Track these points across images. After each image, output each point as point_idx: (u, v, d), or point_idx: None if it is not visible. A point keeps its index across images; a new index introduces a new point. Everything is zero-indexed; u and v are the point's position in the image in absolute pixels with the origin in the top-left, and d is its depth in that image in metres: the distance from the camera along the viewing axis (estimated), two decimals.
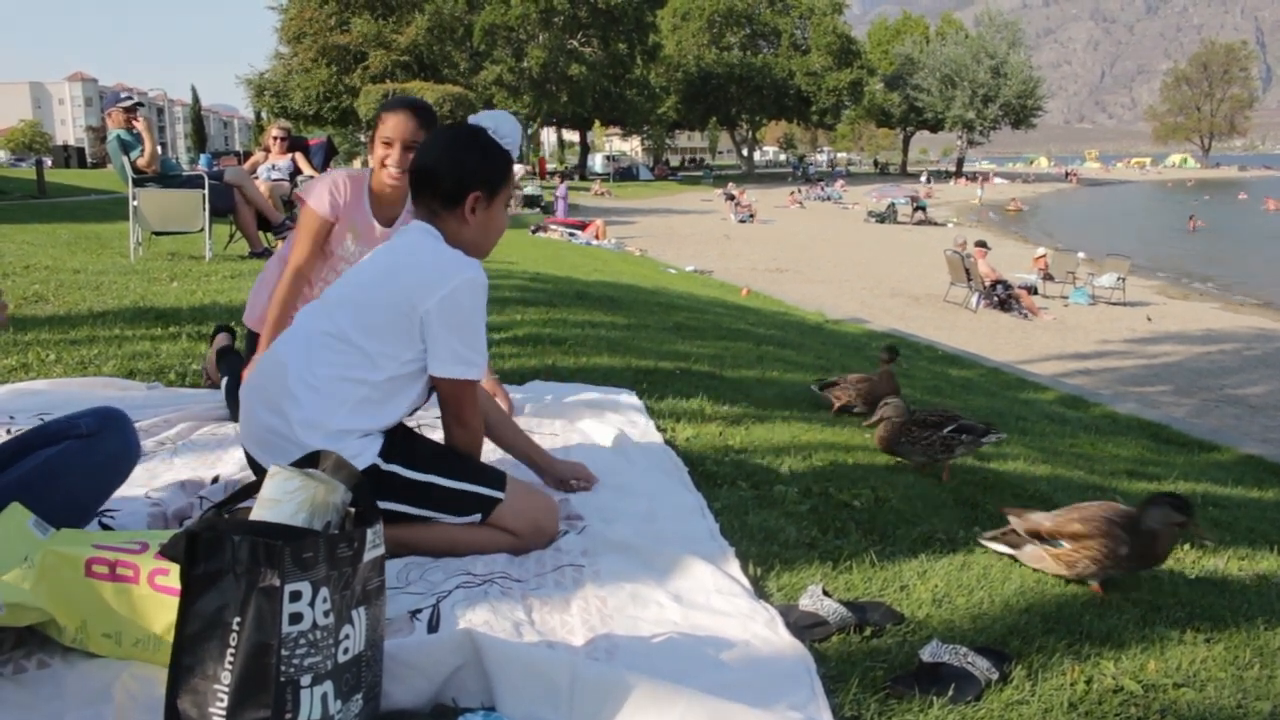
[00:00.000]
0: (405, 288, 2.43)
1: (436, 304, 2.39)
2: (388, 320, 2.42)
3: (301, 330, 2.53)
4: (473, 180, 2.53)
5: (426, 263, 2.46)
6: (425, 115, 3.54)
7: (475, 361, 2.47)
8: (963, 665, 2.03)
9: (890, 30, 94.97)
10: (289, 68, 48.25)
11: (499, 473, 2.61)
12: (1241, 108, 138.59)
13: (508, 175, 2.61)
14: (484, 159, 2.56)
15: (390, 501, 2.45)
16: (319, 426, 2.38)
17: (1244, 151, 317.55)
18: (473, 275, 2.44)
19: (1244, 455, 6.90)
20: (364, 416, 2.42)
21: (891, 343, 4.67)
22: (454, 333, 2.42)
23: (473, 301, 2.44)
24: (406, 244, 2.53)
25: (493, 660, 1.79)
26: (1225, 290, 22.52)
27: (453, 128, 2.63)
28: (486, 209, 2.56)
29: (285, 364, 2.45)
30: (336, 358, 2.42)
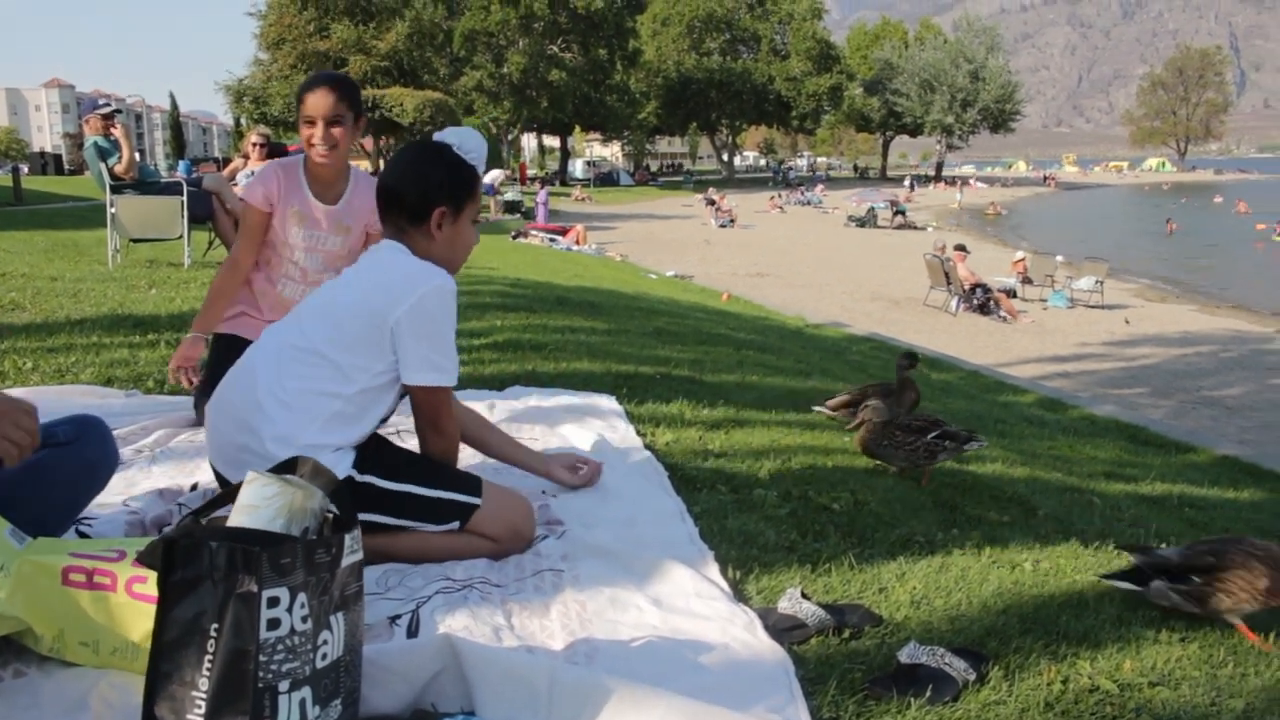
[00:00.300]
0: (374, 299, 2.45)
1: (405, 312, 2.40)
2: (358, 332, 2.44)
3: (272, 344, 2.52)
4: (437, 195, 2.55)
5: (394, 274, 2.48)
6: (344, 89, 3.51)
7: (447, 368, 2.49)
8: (940, 666, 2.05)
9: (869, 35, 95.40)
10: (268, 74, 48.04)
11: (475, 478, 2.61)
12: (1217, 112, 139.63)
13: (473, 190, 2.63)
14: (448, 174, 2.58)
15: (368, 513, 2.42)
16: (290, 442, 2.35)
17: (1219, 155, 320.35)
18: (440, 282, 2.45)
19: (1220, 456, 6.96)
20: (336, 431, 2.43)
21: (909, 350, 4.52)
22: (424, 340, 2.43)
23: (441, 308, 2.46)
24: (375, 260, 2.55)
25: (472, 665, 1.79)
26: (1202, 293, 22.68)
27: (416, 144, 2.67)
28: (453, 224, 2.58)
29: (255, 379, 2.45)
30: (308, 371, 2.43)
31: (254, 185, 3.63)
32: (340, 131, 3.49)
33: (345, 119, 3.49)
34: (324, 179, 3.64)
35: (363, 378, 2.44)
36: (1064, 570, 2.96)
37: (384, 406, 2.52)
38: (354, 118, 3.53)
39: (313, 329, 2.48)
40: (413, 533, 2.51)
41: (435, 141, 2.62)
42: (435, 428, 2.57)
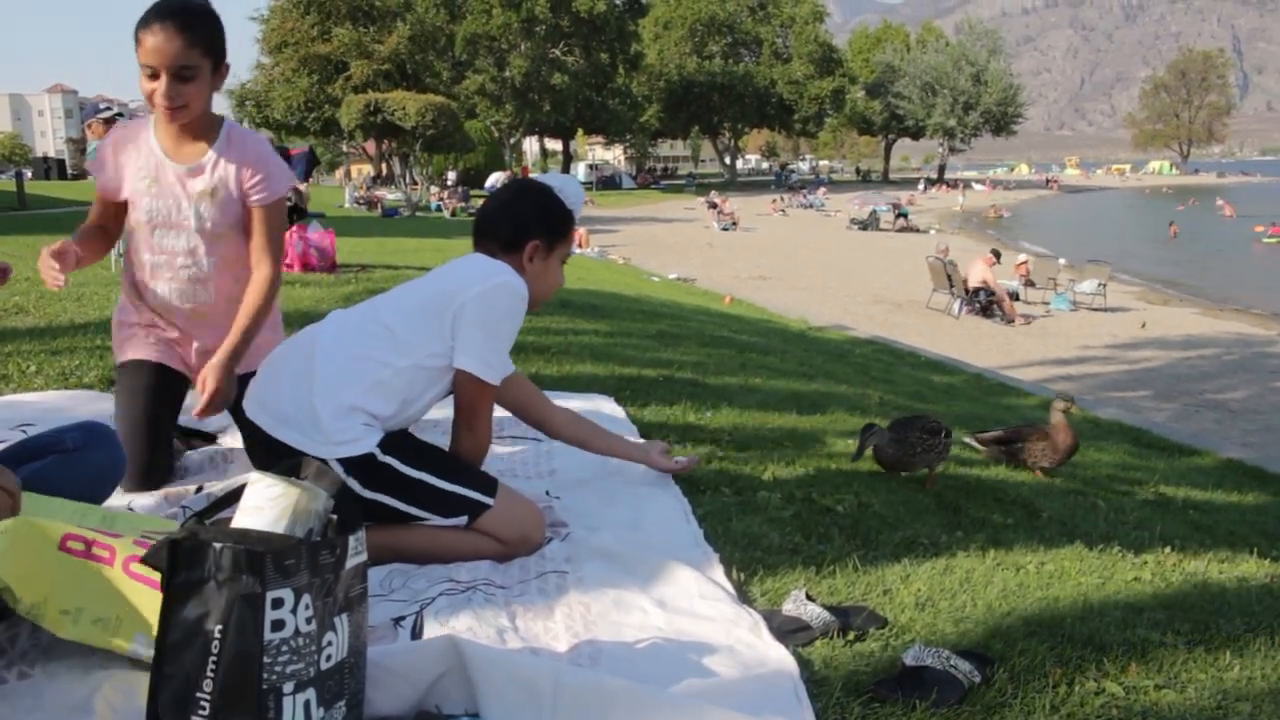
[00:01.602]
0: (448, 283, 2.60)
1: (475, 296, 2.51)
2: (423, 307, 2.56)
3: (341, 317, 2.66)
4: (532, 229, 2.69)
5: (474, 266, 2.63)
6: (197, 27, 2.72)
7: (496, 366, 2.56)
8: (945, 669, 2.04)
9: (871, 38, 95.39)
10: (271, 78, 48.21)
11: (492, 480, 2.61)
12: (1219, 115, 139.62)
13: (567, 232, 2.78)
14: (544, 211, 2.73)
15: (380, 493, 2.47)
16: (333, 397, 2.44)
17: (1222, 158, 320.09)
18: (514, 282, 2.57)
19: (1224, 459, 6.96)
20: (376, 399, 2.48)
21: (1067, 391, 4.32)
22: (481, 329, 2.52)
23: (509, 307, 2.57)
24: (461, 260, 2.72)
25: (476, 666, 1.78)
26: (1205, 296, 22.67)
27: (520, 181, 2.85)
28: (544, 260, 2.72)
29: (317, 339, 2.57)
30: (365, 339, 2.54)
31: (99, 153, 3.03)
32: (193, 90, 2.77)
33: (200, 71, 2.77)
34: (177, 137, 2.95)
35: (416, 354, 2.51)
36: (1068, 573, 2.95)
37: (428, 396, 2.59)
38: (213, 66, 2.80)
39: (384, 304, 2.63)
40: (420, 527, 2.52)
41: (538, 181, 2.80)
42: (469, 424, 2.62)
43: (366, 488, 2.46)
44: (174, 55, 2.67)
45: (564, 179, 2.80)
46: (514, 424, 3.84)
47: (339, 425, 2.43)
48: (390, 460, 2.48)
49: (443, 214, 32.68)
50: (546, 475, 3.31)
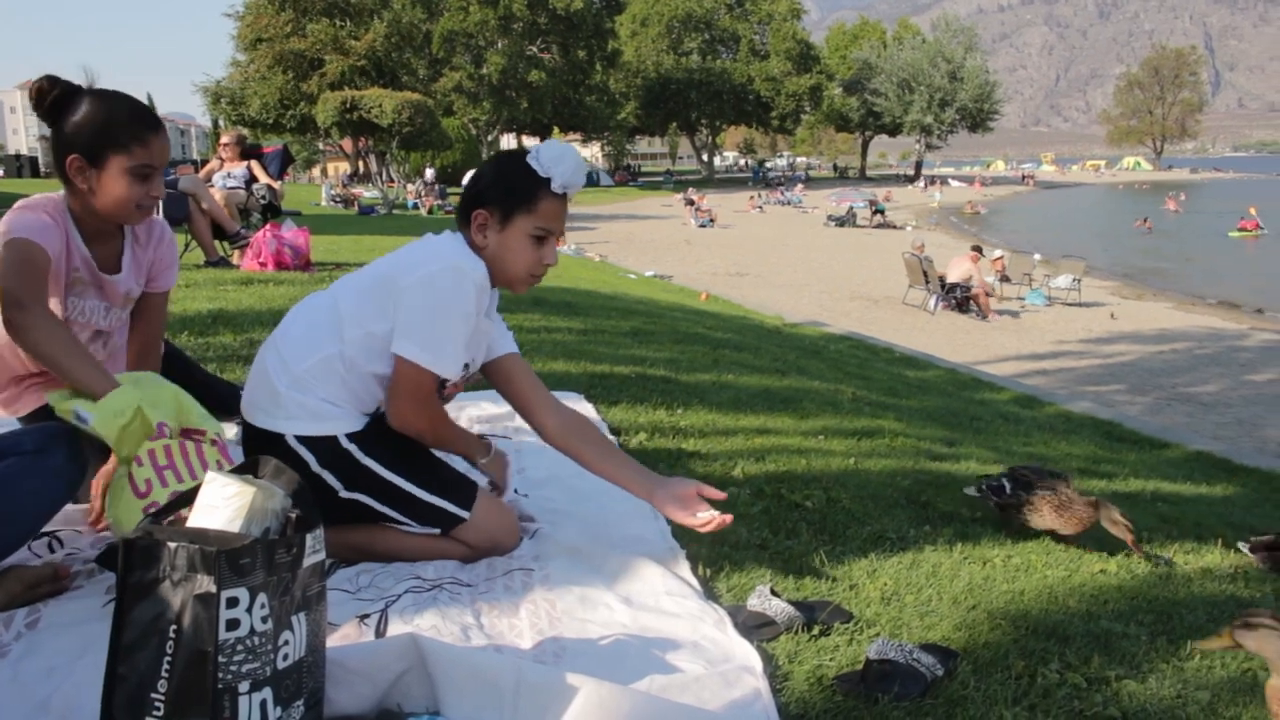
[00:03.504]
0: (395, 265, 2.45)
1: (414, 281, 2.36)
2: (373, 284, 2.44)
3: (308, 298, 2.62)
4: (482, 197, 2.46)
5: (424, 247, 2.47)
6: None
7: (438, 351, 2.37)
8: (909, 662, 2.05)
9: (848, 35, 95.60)
10: (246, 75, 47.87)
11: (471, 488, 2.55)
12: (1192, 111, 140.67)
13: (530, 201, 2.44)
14: (503, 179, 2.47)
15: (358, 492, 2.45)
16: (286, 370, 2.43)
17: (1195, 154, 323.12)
18: (461, 264, 2.38)
19: (1194, 451, 7.01)
20: (324, 377, 2.43)
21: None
22: (421, 312, 2.36)
23: (453, 291, 2.36)
24: (418, 241, 2.53)
25: (437, 664, 1.78)
26: (1178, 290, 22.83)
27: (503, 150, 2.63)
28: (499, 232, 2.45)
29: (285, 320, 2.57)
30: (318, 314, 2.49)
31: (46, 231, 2.54)
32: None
33: None
34: (102, 235, 2.70)
35: (356, 331, 2.39)
36: (1035, 566, 2.97)
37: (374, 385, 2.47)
38: None
39: (341, 284, 2.54)
40: (392, 530, 2.50)
41: (518, 149, 2.53)
42: (405, 409, 2.44)
43: (348, 489, 2.44)
44: (167, 154, 2.63)
45: (552, 144, 2.46)
46: (483, 423, 3.85)
47: (293, 398, 2.41)
48: (371, 464, 2.44)
49: (419, 212, 32.54)
50: (516, 472, 3.30)
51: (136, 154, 2.52)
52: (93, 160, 2.50)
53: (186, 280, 7.57)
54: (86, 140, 2.49)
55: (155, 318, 2.93)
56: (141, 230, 2.82)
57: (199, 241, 8.96)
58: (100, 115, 2.50)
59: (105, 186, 2.52)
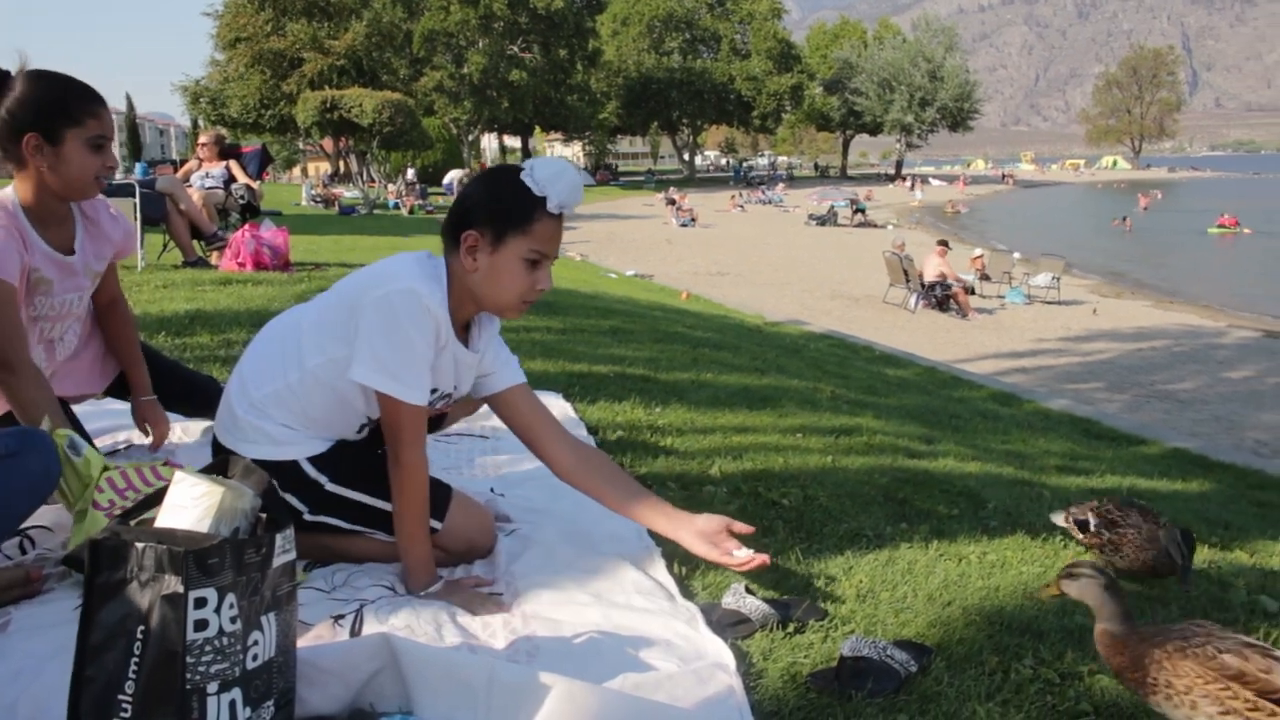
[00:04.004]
0: (357, 283, 2.32)
1: (371, 302, 2.22)
2: (335, 305, 2.33)
3: (288, 313, 2.53)
4: (472, 216, 2.27)
5: (388, 265, 2.31)
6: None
7: (402, 378, 2.23)
8: (882, 659, 2.05)
9: (829, 35, 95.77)
10: (225, 75, 47.67)
11: (444, 494, 2.49)
12: (1170, 111, 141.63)
13: (524, 222, 2.24)
14: (493, 196, 2.27)
15: (328, 516, 2.43)
16: (246, 394, 2.39)
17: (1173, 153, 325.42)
18: (414, 288, 2.21)
19: (1171, 448, 7.06)
20: (282, 404, 2.36)
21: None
22: (381, 336, 2.21)
23: (408, 314, 2.20)
24: (388, 259, 2.36)
25: (410, 664, 1.77)
26: (1156, 288, 22.98)
27: (496, 165, 2.45)
28: (490, 255, 2.26)
29: (255, 338, 2.51)
30: (281, 336, 2.43)
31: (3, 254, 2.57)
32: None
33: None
34: (56, 218, 2.75)
35: (316, 356, 2.30)
36: (1010, 562, 2.98)
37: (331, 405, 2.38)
38: None
39: (313, 303, 2.45)
40: (365, 537, 2.49)
41: (511, 165, 2.35)
42: (393, 454, 2.29)
43: (313, 513, 2.42)
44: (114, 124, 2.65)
45: (546, 160, 2.28)
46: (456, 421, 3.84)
47: (251, 423, 2.36)
48: (337, 489, 2.40)
49: (400, 212, 32.45)
50: (492, 471, 3.30)
51: (90, 126, 2.56)
52: (50, 137, 2.53)
53: (164, 280, 7.53)
54: (40, 119, 2.52)
55: (109, 272, 3.03)
56: (89, 209, 2.86)
57: (177, 242, 8.91)
58: (48, 93, 2.53)
59: (64, 161, 2.56)
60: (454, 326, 2.32)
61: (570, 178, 2.25)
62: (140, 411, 3.16)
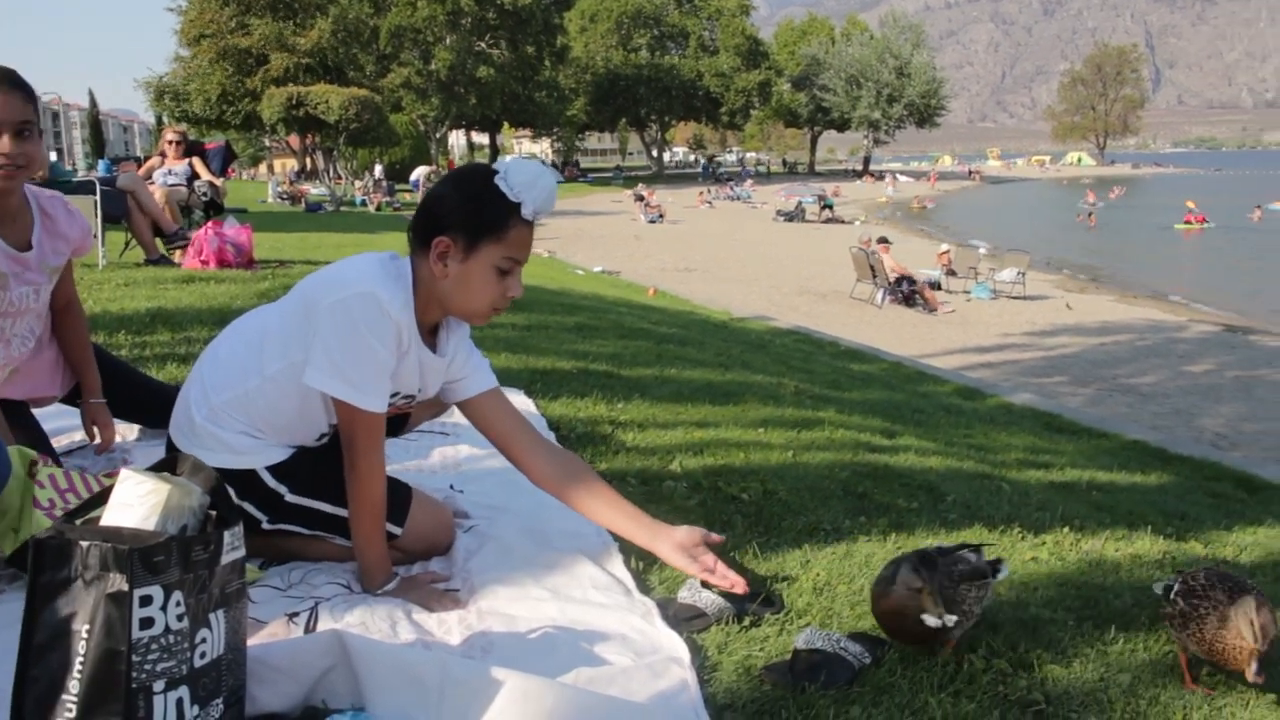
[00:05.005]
0: (315, 285, 2.25)
1: (328, 306, 2.15)
2: (296, 308, 2.27)
3: (251, 314, 2.48)
4: (444, 222, 2.19)
5: (347, 267, 2.25)
6: (29, 88, 2.57)
7: (359, 384, 2.17)
8: (836, 651, 2.07)
9: (796, 31, 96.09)
10: (189, 71, 47.25)
11: (404, 496, 2.47)
12: (1134, 108, 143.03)
13: (500, 230, 2.17)
14: (467, 200, 2.18)
15: (288, 523, 2.42)
16: (208, 400, 2.34)
17: (1137, 150, 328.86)
18: (374, 292, 2.14)
19: (1131, 441, 7.14)
20: (242, 410, 2.33)
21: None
22: (338, 341, 2.15)
23: (367, 319, 2.14)
24: (348, 259, 2.31)
25: (361, 661, 1.77)
26: (1120, 283, 23.20)
27: (467, 165, 2.38)
28: (462, 262, 2.18)
29: (218, 339, 2.47)
30: (245, 339, 2.38)
31: None
32: (33, 146, 2.57)
33: (35, 127, 2.57)
34: (9, 214, 2.70)
35: (276, 359, 2.25)
36: None
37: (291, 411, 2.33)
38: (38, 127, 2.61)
39: (277, 304, 2.39)
40: (325, 541, 2.47)
41: (484, 165, 2.26)
42: (350, 462, 2.25)
43: (272, 521, 2.40)
44: (18, 110, 2.49)
45: (520, 162, 2.19)
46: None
47: (209, 431, 2.32)
48: (297, 499, 2.38)
49: (368, 208, 32.30)
50: (452, 467, 3.29)
51: None
52: None
53: (126, 279, 7.45)
54: None
55: (65, 272, 2.99)
56: (47, 205, 2.84)
57: (138, 240, 8.82)
58: None
59: None
60: (420, 330, 2.27)
61: (546, 182, 2.18)
62: (89, 414, 3.13)
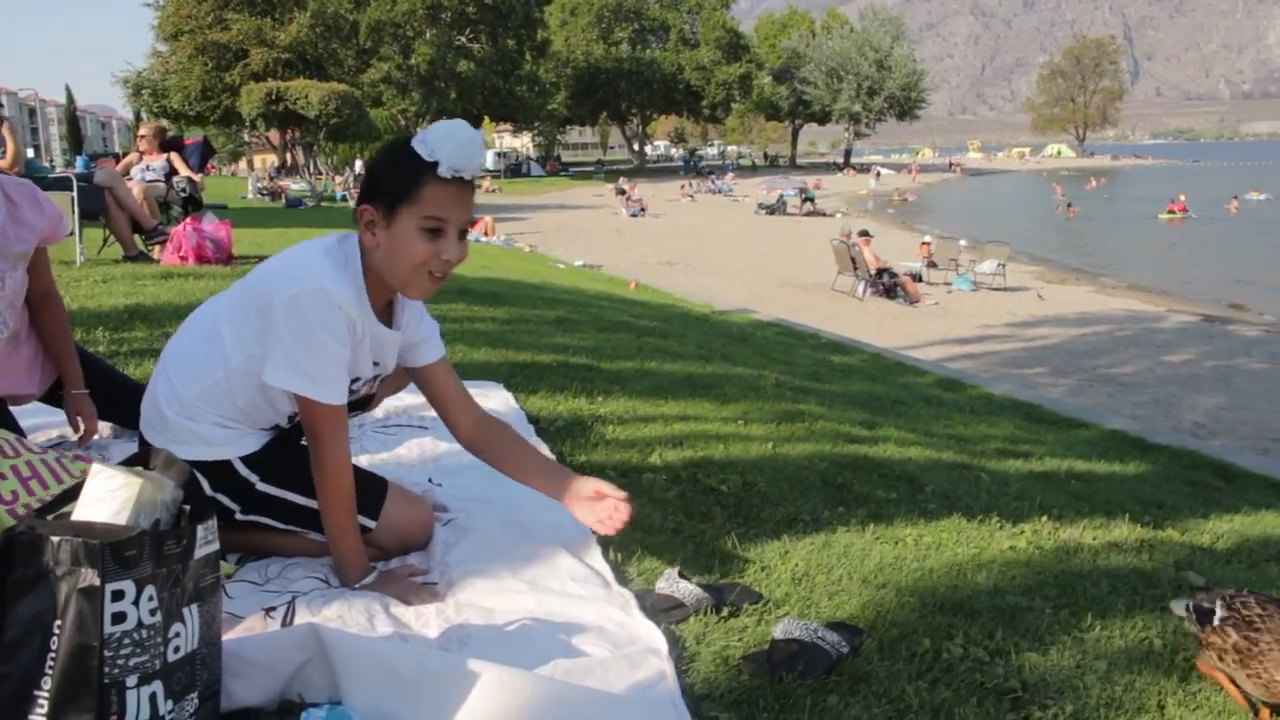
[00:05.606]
0: (273, 270, 2.26)
1: (284, 301, 2.15)
2: (247, 302, 2.27)
3: (206, 304, 2.45)
4: (367, 192, 2.21)
5: (294, 259, 2.25)
6: None
7: (318, 379, 2.18)
8: (814, 641, 2.07)
9: (777, 24, 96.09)
10: (167, 66, 46.89)
11: (379, 490, 2.47)
12: (1112, 99, 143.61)
13: (413, 191, 2.13)
14: (383, 166, 2.19)
15: (256, 514, 2.41)
16: (177, 395, 2.33)
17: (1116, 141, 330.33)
18: (324, 287, 2.15)
19: (1110, 431, 7.17)
20: (213, 402, 2.32)
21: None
22: (293, 338, 2.16)
23: (318, 315, 2.15)
24: (295, 248, 2.31)
25: (337, 654, 1.76)
26: (1099, 274, 23.30)
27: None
28: (386, 229, 2.18)
29: (177, 333, 2.45)
30: (204, 332, 2.36)
31: None
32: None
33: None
34: None
35: (238, 355, 2.25)
36: (946, 544, 3.02)
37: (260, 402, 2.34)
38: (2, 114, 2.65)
39: (227, 295, 2.38)
40: (299, 536, 2.46)
41: (407, 135, 2.25)
42: (315, 455, 2.26)
43: (245, 512, 2.40)
44: None
45: (441, 124, 2.16)
46: (400, 412, 3.83)
47: (182, 424, 2.32)
48: (269, 489, 2.38)
49: (348, 204, 32.18)
50: (431, 461, 3.28)
51: None
52: None
53: (104, 275, 7.41)
54: None
55: (40, 260, 2.98)
56: (13, 191, 2.83)
57: (117, 236, 8.77)
58: None
59: None
60: (374, 306, 2.27)
61: (461, 137, 2.13)
62: (72, 405, 3.11)
